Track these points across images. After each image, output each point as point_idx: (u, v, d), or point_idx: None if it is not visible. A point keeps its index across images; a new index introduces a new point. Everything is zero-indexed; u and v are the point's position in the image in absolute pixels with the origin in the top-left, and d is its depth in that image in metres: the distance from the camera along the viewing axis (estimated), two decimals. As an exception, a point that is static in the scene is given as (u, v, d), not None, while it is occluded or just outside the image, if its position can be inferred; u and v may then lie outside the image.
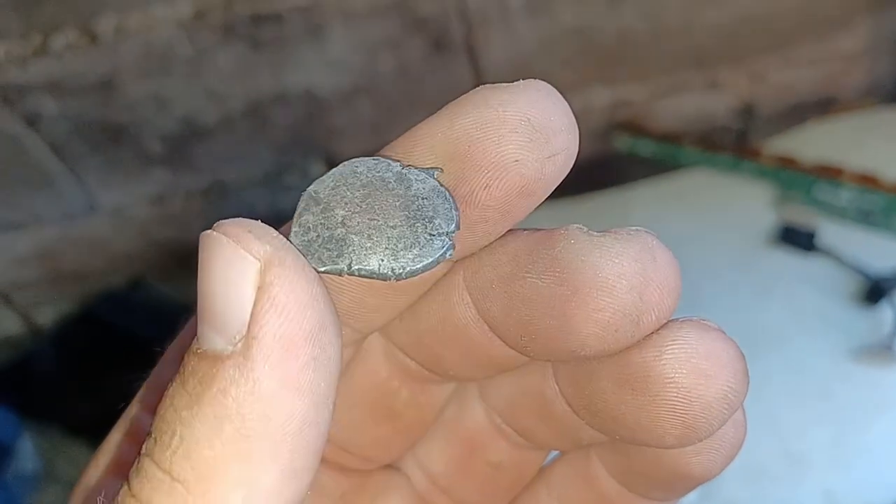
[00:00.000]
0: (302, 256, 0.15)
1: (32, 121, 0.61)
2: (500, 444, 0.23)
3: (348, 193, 0.17)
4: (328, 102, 0.64)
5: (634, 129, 0.69)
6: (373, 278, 0.17)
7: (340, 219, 0.17)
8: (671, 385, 0.17)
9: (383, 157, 0.17)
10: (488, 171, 0.16)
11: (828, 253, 0.60)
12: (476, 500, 0.24)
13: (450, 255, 0.17)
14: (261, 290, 0.15)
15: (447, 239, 0.17)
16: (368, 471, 0.23)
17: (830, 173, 0.63)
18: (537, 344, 0.17)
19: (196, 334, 0.15)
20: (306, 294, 0.15)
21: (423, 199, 0.17)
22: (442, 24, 0.60)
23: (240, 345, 0.14)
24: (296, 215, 0.17)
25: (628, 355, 0.17)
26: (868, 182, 0.61)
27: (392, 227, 0.17)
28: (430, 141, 0.17)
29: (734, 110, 0.70)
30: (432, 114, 0.17)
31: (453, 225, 0.17)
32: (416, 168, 0.17)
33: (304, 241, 0.17)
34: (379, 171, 0.17)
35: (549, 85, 0.17)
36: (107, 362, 0.68)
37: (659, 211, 0.66)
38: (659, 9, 0.61)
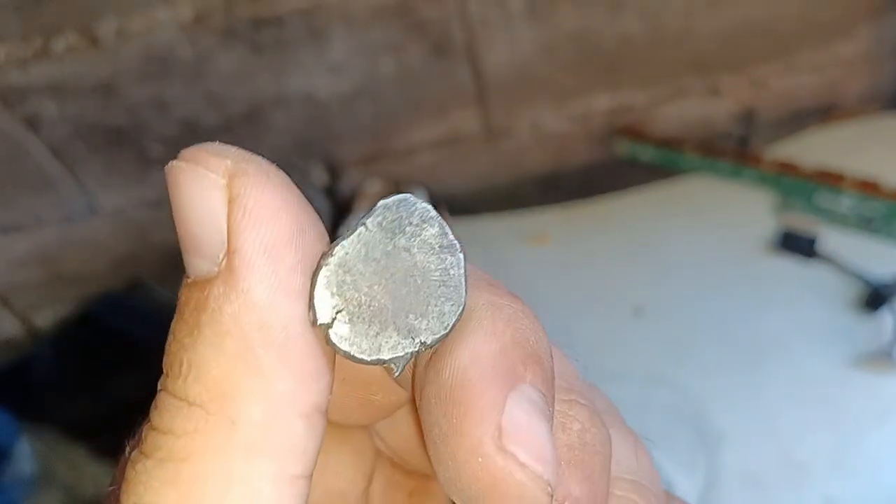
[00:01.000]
0: (267, 164, 0.15)
1: (33, 123, 0.61)
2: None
3: (373, 261, 0.16)
4: (328, 106, 0.64)
5: (635, 134, 0.69)
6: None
7: (368, 297, 0.16)
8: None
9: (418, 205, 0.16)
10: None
11: (828, 259, 0.60)
12: None
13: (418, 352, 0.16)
14: (231, 203, 0.15)
15: (419, 346, 0.16)
16: None
17: (831, 180, 0.63)
18: None
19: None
20: (277, 199, 0.15)
21: (430, 279, 0.16)
22: (443, 29, 0.60)
23: (224, 262, 0.15)
24: (314, 278, 0.16)
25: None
26: (868, 188, 0.61)
27: (420, 304, 0.16)
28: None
29: (735, 116, 0.70)
30: (431, 116, 0.17)
31: (434, 337, 0.16)
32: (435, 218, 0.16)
33: (345, 328, 0.16)
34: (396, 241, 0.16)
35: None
36: (105, 365, 0.67)
37: (659, 216, 0.66)
38: (660, 15, 0.61)
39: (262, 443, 0.14)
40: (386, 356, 0.16)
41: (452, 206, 0.67)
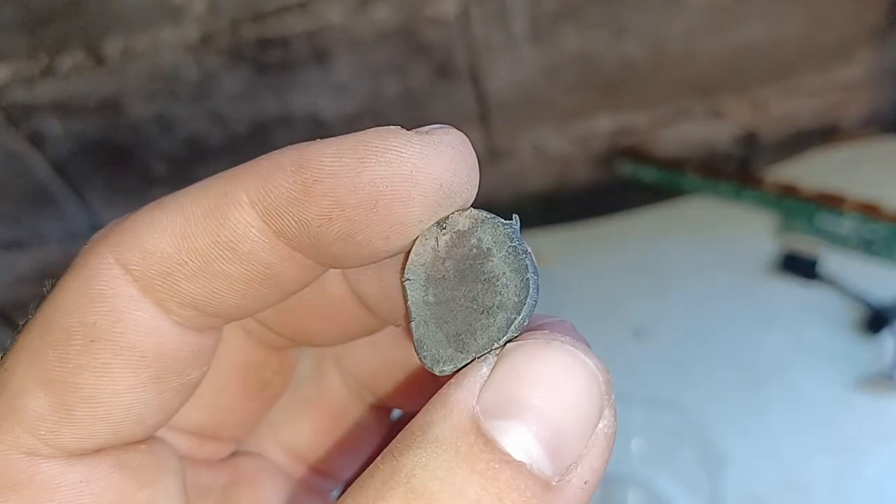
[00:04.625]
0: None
1: (37, 140, 0.62)
2: (359, 409, 0.24)
3: (443, 267, 0.18)
4: (332, 126, 0.65)
5: (637, 155, 0.70)
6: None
7: (441, 304, 0.18)
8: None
9: (498, 223, 0.17)
10: (391, 226, 0.17)
11: (829, 281, 0.60)
12: (343, 467, 0.24)
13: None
14: (599, 432, 0.15)
15: (496, 348, 0.17)
16: (233, 460, 0.22)
17: (832, 202, 0.63)
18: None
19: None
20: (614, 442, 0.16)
21: (496, 281, 0.17)
22: (446, 51, 0.60)
23: (559, 481, 0.15)
24: (404, 278, 0.18)
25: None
26: (869, 211, 0.61)
27: (463, 320, 0.17)
28: (332, 182, 0.16)
29: (736, 138, 0.70)
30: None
31: (504, 337, 0.17)
32: (499, 223, 0.17)
33: (420, 335, 0.18)
34: (464, 246, 0.17)
35: (462, 136, 0.17)
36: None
37: (661, 238, 0.66)
38: (662, 37, 0.62)
39: None
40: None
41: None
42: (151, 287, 0.17)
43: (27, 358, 0.17)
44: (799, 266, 0.61)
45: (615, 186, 0.71)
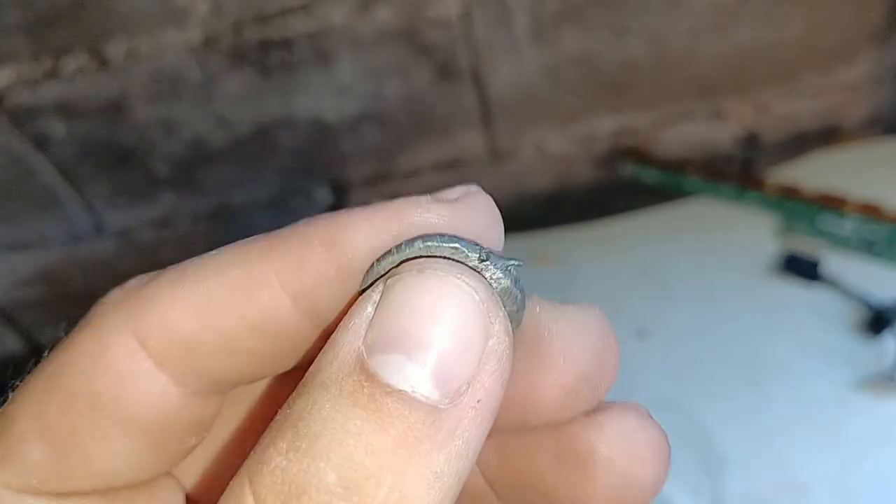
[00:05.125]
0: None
1: (41, 142, 0.62)
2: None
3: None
4: (335, 128, 0.65)
5: (639, 156, 0.70)
6: None
7: None
8: (610, 465, 0.18)
9: (461, 243, 0.17)
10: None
11: (831, 283, 0.60)
12: None
13: None
14: (488, 351, 0.15)
15: None
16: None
17: (834, 203, 0.63)
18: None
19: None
20: (511, 360, 0.16)
21: None
22: (449, 52, 0.61)
23: (448, 404, 0.15)
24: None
25: (570, 430, 0.18)
26: (871, 212, 0.61)
27: None
28: (370, 260, 0.17)
29: (738, 139, 0.70)
30: (437, 139, 0.18)
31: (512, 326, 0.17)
32: (495, 258, 0.17)
33: None
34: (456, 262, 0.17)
35: (488, 198, 0.18)
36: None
37: (662, 239, 0.66)
38: (664, 39, 0.62)
39: None
40: None
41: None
42: (168, 362, 0.17)
43: (31, 409, 0.17)
44: (800, 267, 0.61)
45: (617, 187, 0.71)
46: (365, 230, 0.16)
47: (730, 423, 0.54)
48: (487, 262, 0.17)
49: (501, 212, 0.18)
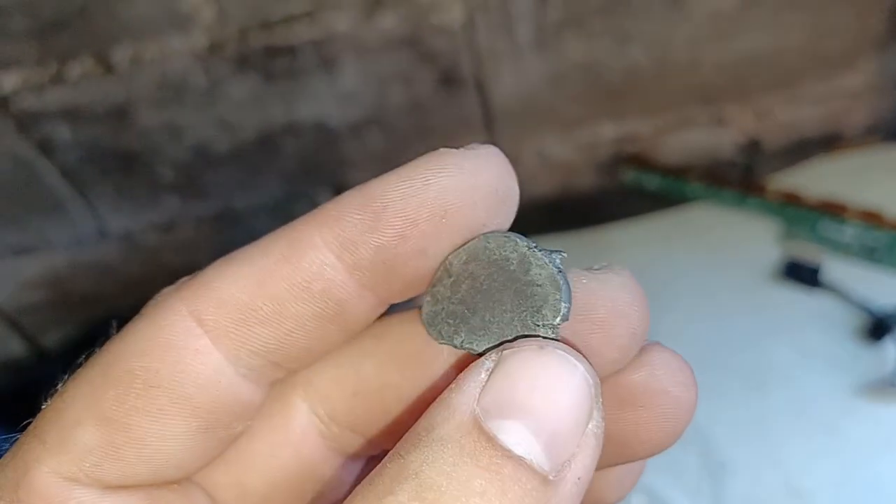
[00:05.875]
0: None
1: (46, 147, 0.62)
2: (321, 449, 0.22)
3: (475, 270, 0.18)
4: (338, 133, 0.65)
5: (641, 163, 0.70)
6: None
7: (462, 296, 0.18)
8: (668, 397, 0.19)
9: (513, 234, 0.19)
10: (460, 233, 0.18)
11: (832, 289, 0.60)
12: None
13: None
14: (588, 432, 0.16)
15: (550, 331, 0.18)
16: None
17: (835, 210, 0.63)
18: None
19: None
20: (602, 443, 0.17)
21: (537, 285, 0.18)
22: (452, 59, 0.61)
23: (555, 476, 0.15)
24: (431, 283, 0.19)
25: (625, 378, 0.19)
26: (872, 219, 0.61)
27: (504, 310, 0.18)
28: (402, 204, 0.18)
29: (740, 146, 0.71)
30: (439, 145, 0.19)
31: (558, 318, 0.18)
32: (540, 250, 0.18)
33: (431, 311, 0.19)
34: (506, 251, 0.18)
35: (500, 152, 0.19)
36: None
37: (664, 245, 0.67)
38: (666, 45, 0.62)
39: None
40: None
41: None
42: (225, 335, 0.18)
43: (86, 392, 0.18)
44: (801, 273, 0.61)
45: (619, 194, 0.72)
46: (394, 180, 0.18)
47: (731, 428, 0.54)
48: (535, 248, 0.18)
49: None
